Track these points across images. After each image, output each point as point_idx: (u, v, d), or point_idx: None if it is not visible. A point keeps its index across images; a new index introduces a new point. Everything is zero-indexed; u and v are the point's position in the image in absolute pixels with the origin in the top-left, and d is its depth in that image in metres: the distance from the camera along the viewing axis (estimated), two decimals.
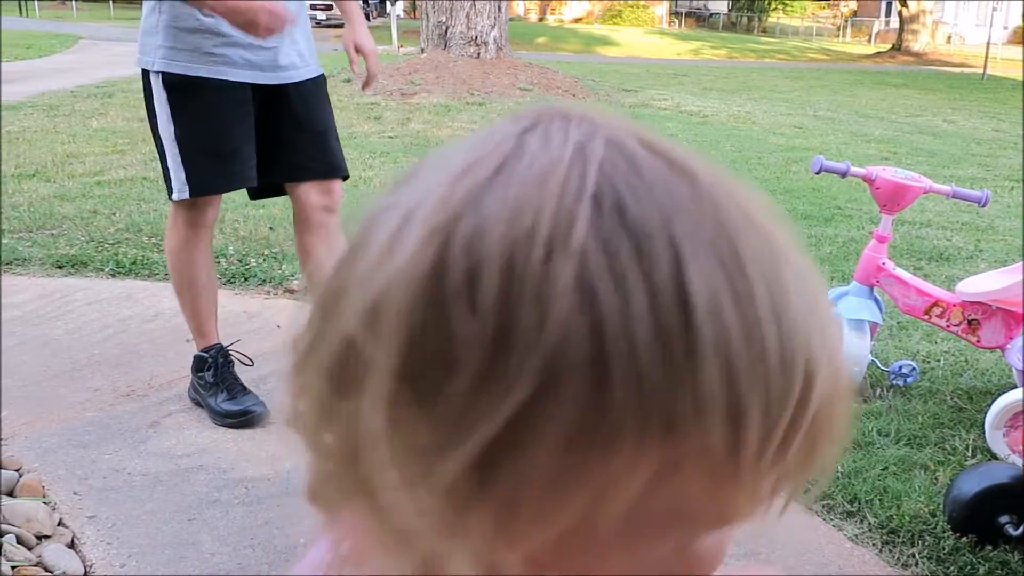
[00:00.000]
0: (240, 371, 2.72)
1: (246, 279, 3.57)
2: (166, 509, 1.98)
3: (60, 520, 1.91)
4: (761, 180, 6.16)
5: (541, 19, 43.65)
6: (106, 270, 3.65)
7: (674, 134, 8.38)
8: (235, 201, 4.76)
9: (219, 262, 3.73)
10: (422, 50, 11.37)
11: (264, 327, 3.10)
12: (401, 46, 17.20)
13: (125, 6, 35.53)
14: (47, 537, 1.84)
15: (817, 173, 2.59)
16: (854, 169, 2.58)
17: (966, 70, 21.42)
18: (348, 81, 10.51)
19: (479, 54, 10.74)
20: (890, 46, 27.60)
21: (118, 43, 17.72)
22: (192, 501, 2.02)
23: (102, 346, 2.93)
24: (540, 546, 0.34)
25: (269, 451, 2.25)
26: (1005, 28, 36.16)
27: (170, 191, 2.39)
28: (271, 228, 4.21)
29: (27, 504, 1.88)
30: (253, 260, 3.75)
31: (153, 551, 1.83)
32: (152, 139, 2.46)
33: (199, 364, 2.52)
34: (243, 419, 2.40)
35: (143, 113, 6.52)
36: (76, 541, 1.86)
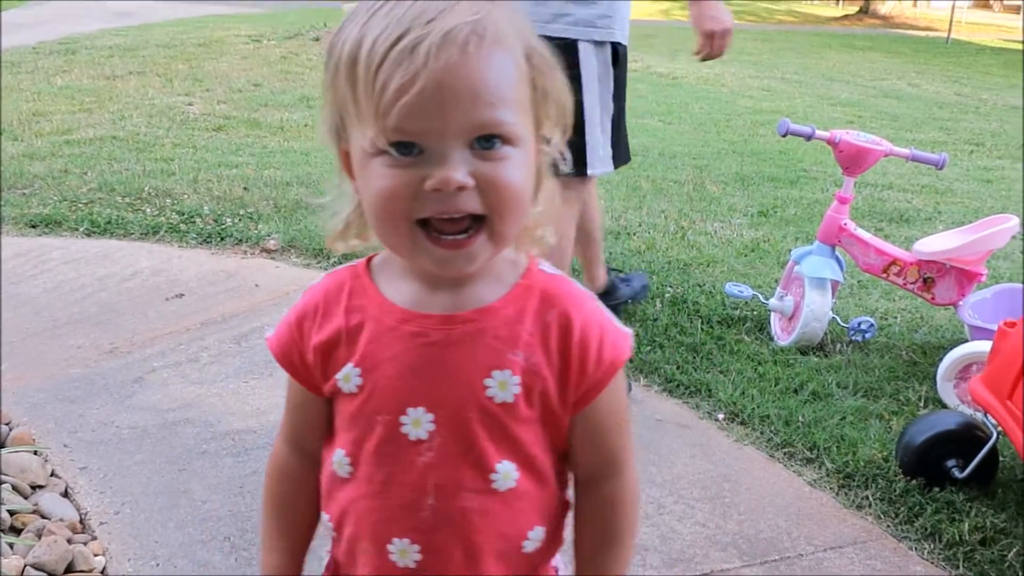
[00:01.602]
0: (222, 328, 2.78)
1: (222, 238, 3.60)
2: (156, 460, 2.04)
3: (53, 471, 1.97)
4: (729, 143, 6.25)
5: None
6: (81, 229, 3.65)
7: (644, 96, 8.41)
8: (207, 161, 4.77)
9: (194, 222, 3.75)
10: None
11: (242, 286, 3.15)
12: None
13: None
14: (41, 487, 1.89)
15: (783, 136, 2.68)
16: (819, 132, 2.67)
17: (931, 34, 21.60)
18: (317, 40, 10.40)
19: None
20: (857, 9, 27.64)
21: None
22: (181, 452, 2.08)
23: (81, 304, 2.96)
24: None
25: (254, 405, 2.31)
26: None
27: (585, 164, 2.23)
28: (245, 188, 4.23)
29: (20, 455, 1.93)
30: (229, 220, 3.77)
31: (146, 499, 1.89)
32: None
33: None
34: None
35: (108, 71, 6.56)
36: (70, 490, 1.92)
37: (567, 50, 2.21)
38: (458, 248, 0.76)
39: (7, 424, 2.11)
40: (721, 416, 2.36)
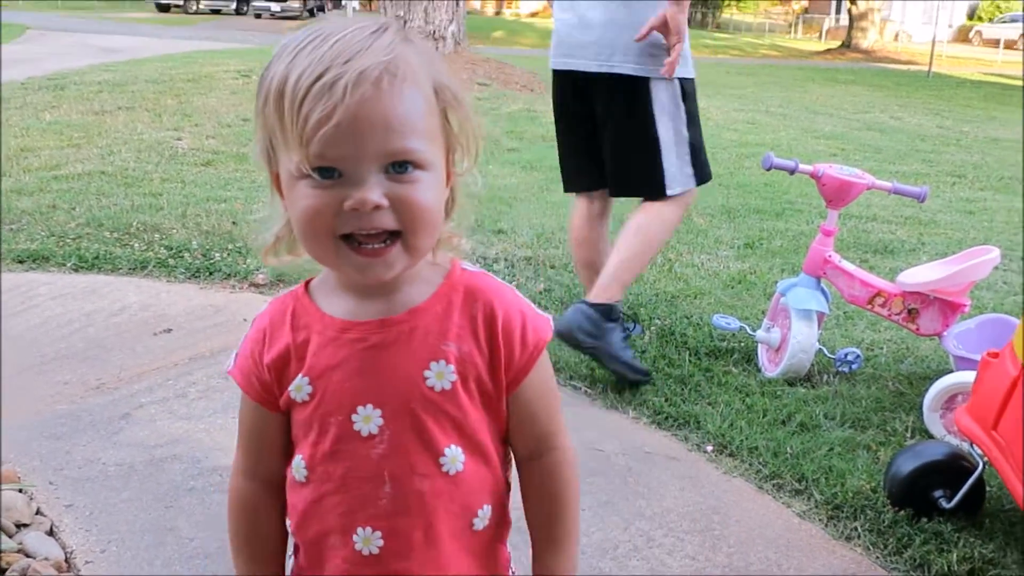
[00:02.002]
0: (210, 363, 2.77)
1: (211, 273, 3.60)
2: (143, 497, 2.03)
3: (38, 509, 1.95)
4: (715, 175, 6.25)
5: (498, 13, 43.61)
6: (68, 265, 3.65)
7: None
8: (196, 196, 4.78)
9: (182, 256, 3.75)
10: None
11: (230, 321, 3.14)
12: None
13: None
14: (26, 525, 1.87)
15: (768, 170, 2.71)
16: (802, 166, 2.71)
17: (912, 67, 21.95)
18: None
19: (436, 48, 10.75)
20: (840, 43, 28.12)
21: (67, 33, 17.36)
22: (168, 489, 2.07)
23: (68, 340, 2.95)
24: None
25: None
26: (950, 26, 37.09)
27: (664, 187, 2.63)
28: (234, 223, 4.24)
29: (5, 493, 1.91)
30: (217, 254, 3.78)
31: (132, 537, 1.88)
32: (614, 140, 2.66)
33: (612, 313, 2.59)
34: (645, 378, 2.64)
35: (97, 106, 6.67)
36: (55, 529, 1.90)
37: (639, 86, 2.54)
38: (376, 256, 0.85)
39: None
40: (710, 448, 2.36)
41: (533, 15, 42.08)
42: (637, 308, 3.32)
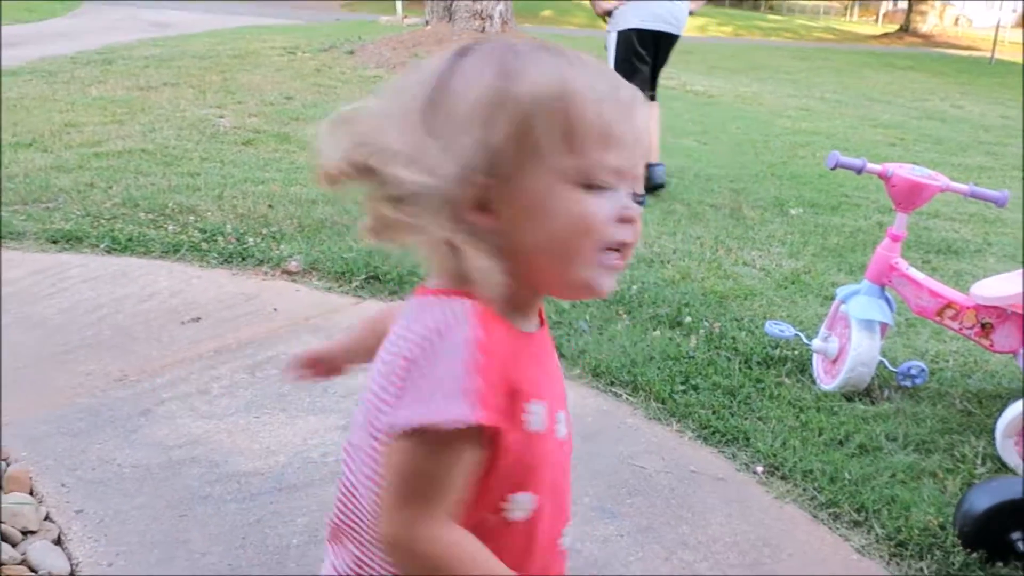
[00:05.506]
0: (236, 356, 2.67)
1: (243, 259, 3.50)
2: (156, 504, 1.93)
3: (47, 515, 1.86)
4: (768, 164, 6.07)
5: None
6: (101, 246, 3.58)
7: (680, 114, 8.26)
8: (234, 176, 4.69)
9: (216, 240, 3.66)
10: (426, 22, 11.19)
11: (260, 310, 3.04)
12: (405, 17, 16.95)
13: None
14: (32, 533, 1.78)
15: (833, 169, 2.51)
16: (870, 166, 2.50)
17: (974, 53, 21.21)
18: (351, 53, 10.37)
19: (484, 28, 10.55)
20: (898, 27, 27.31)
21: (122, 5, 17.47)
22: (183, 496, 1.96)
23: (96, 327, 2.87)
24: None
25: (263, 444, 2.19)
26: (1014, 11, 35.76)
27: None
28: (270, 206, 4.13)
29: (13, 498, 1.82)
30: (251, 239, 3.68)
31: (142, 549, 1.78)
32: None
33: None
34: None
35: (143, 81, 6.73)
36: (63, 537, 1.80)
37: None
38: (621, 267, 0.83)
39: (4, 460, 2.00)
40: (760, 469, 2.19)
41: None
42: (683, 307, 3.15)
